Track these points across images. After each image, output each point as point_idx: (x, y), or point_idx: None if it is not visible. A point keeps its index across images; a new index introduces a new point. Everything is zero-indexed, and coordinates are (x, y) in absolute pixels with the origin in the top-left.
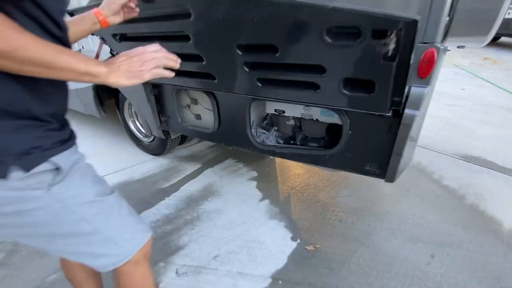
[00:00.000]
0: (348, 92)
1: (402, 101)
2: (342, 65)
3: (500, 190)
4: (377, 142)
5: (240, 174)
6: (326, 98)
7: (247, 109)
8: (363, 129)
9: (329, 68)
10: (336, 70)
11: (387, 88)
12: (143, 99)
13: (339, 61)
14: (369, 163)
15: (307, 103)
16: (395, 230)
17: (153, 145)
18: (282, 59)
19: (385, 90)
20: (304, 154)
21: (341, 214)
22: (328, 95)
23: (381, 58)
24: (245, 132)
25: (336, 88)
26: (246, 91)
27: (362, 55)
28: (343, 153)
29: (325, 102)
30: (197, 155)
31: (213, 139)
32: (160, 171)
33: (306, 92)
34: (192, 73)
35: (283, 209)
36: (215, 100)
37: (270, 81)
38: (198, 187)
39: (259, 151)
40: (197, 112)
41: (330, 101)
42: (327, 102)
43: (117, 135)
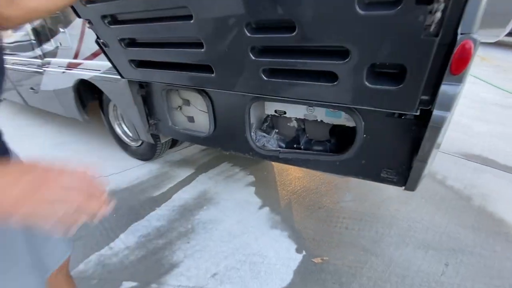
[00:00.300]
0: (370, 85)
1: (433, 99)
2: (371, 45)
3: (505, 190)
4: (397, 147)
5: (237, 179)
6: (342, 94)
7: (246, 110)
8: (380, 132)
9: (355, 50)
10: (362, 52)
11: (421, 76)
12: (129, 100)
13: (368, 40)
14: (385, 170)
15: (317, 101)
16: (404, 236)
17: (142, 150)
18: (299, 40)
19: (418, 79)
20: (311, 160)
21: (347, 221)
22: (345, 89)
23: (422, 31)
24: (244, 135)
25: (357, 79)
26: (247, 87)
27: (398, 29)
28: (356, 158)
29: (340, 99)
30: (189, 159)
31: (208, 143)
32: (150, 178)
33: (318, 87)
34: (186, 66)
35: (284, 217)
36: (210, 101)
37: (277, 72)
38: (191, 195)
39: (260, 156)
40: (190, 114)
41: (346, 97)
42: (343, 99)
43: (102, 140)
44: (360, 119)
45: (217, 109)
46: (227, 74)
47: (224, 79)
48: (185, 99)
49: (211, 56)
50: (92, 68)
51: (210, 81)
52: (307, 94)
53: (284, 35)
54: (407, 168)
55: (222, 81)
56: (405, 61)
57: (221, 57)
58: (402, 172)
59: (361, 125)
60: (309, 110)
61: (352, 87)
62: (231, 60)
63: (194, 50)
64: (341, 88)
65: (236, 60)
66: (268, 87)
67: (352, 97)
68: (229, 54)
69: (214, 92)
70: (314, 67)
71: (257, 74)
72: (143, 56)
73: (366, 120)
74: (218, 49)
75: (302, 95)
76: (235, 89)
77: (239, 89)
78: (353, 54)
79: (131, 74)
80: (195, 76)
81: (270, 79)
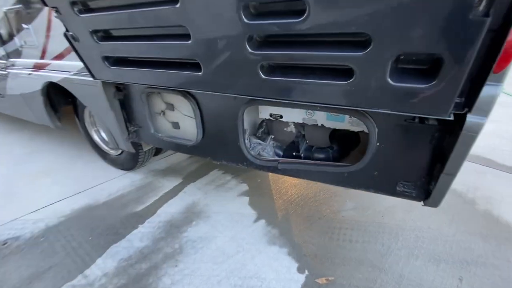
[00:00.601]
0: (394, 82)
1: (469, 101)
2: (400, 30)
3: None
4: (416, 157)
5: (229, 188)
6: (357, 95)
7: (239, 115)
8: (396, 140)
9: (378, 37)
10: (388, 40)
11: (462, 70)
12: (104, 105)
13: (397, 23)
14: (402, 182)
15: (326, 104)
16: (413, 248)
17: (123, 159)
18: (309, 26)
19: (458, 74)
20: (314, 171)
21: (350, 232)
22: (362, 88)
23: (471, 9)
24: (237, 144)
25: (378, 76)
26: (241, 88)
27: (439, 6)
28: (368, 170)
29: (354, 102)
30: (176, 167)
31: (196, 152)
32: (132, 190)
33: (329, 87)
34: (170, 64)
35: (282, 230)
36: (197, 105)
37: (278, 69)
38: (179, 209)
39: (255, 167)
40: (175, 120)
41: (362, 99)
42: (358, 100)
43: (79, 148)
44: (373, 125)
45: (205, 114)
46: (217, 72)
47: (214, 79)
48: (169, 103)
49: (198, 50)
50: (61, 69)
51: (197, 82)
52: (313, 96)
53: (290, 20)
54: (427, 181)
55: (211, 81)
56: (444, 50)
57: (210, 51)
58: (422, 186)
59: (374, 131)
60: (308, 114)
61: (371, 86)
62: (223, 54)
63: (179, 43)
64: (357, 88)
65: (229, 54)
66: (267, 87)
67: (370, 99)
68: (220, 46)
69: (201, 94)
70: (325, 61)
71: (254, 72)
72: (118, 52)
73: (380, 125)
74: (207, 40)
75: (308, 97)
76: (226, 91)
77: (232, 90)
78: (376, 43)
79: (105, 75)
80: (179, 76)
81: (270, 78)
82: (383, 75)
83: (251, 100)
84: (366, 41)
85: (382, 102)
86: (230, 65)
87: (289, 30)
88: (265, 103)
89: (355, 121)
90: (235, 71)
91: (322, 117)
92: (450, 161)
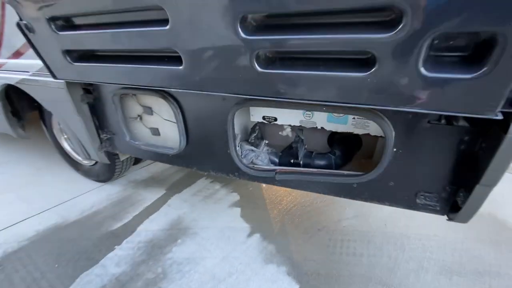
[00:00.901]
0: (428, 72)
1: None
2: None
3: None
4: (440, 165)
5: (218, 199)
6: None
7: (229, 118)
8: (417, 144)
9: (413, 12)
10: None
11: None
12: (70, 110)
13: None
14: (423, 194)
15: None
16: (421, 259)
17: (98, 169)
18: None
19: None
20: (318, 182)
21: (353, 245)
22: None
23: None
24: (227, 151)
25: (408, 64)
26: (232, 85)
27: None
28: (382, 180)
29: (373, 99)
30: (159, 177)
31: (179, 162)
32: (108, 205)
33: (342, 81)
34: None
35: (280, 246)
36: (179, 107)
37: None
38: (162, 225)
39: (249, 177)
40: (154, 126)
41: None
42: (378, 97)
43: (47, 159)
44: (389, 128)
45: (188, 118)
46: (201, 65)
47: (198, 74)
48: (146, 106)
49: (178, 37)
50: (19, 69)
51: (177, 78)
52: (322, 93)
53: None
54: (453, 192)
55: (194, 77)
56: (499, 26)
57: (193, 38)
58: (447, 197)
59: (391, 135)
60: (306, 115)
61: (397, 78)
62: (209, 41)
63: (155, 30)
64: (379, 81)
65: (216, 41)
66: (264, 83)
67: (395, 95)
68: (205, 32)
69: (184, 95)
70: (341, 47)
71: (248, 64)
72: (82, 44)
73: (398, 128)
74: (189, 24)
75: (314, 94)
76: (213, 90)
77: (220, 88)
78: (408, 20)
79: (69, 73)
80: (156, 72)
81: (268, 71)
82: (415, 63)
83: (243, 100)
84: (395, 19)
85: (410, 99)
86: (217, 55)
87: (294, 7)
88: (260, 103)
89: (360, 122)
90: (223, 64)
91: (322, 119)
92: (489, 170)
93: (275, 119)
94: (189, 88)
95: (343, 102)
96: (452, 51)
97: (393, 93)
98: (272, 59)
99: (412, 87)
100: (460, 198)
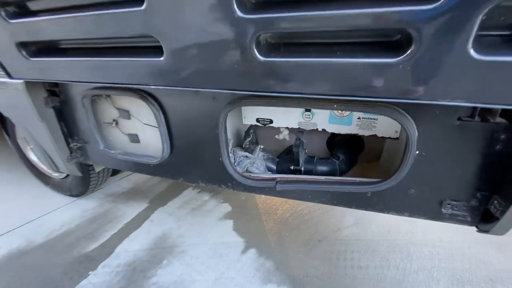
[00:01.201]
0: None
1: None
2: None
3: None
4: (470, 168)
5: (207, 211)
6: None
7: (221, 120)
8: (444, 146)
9: None
10: None
11: None
12: (33, 116)
13: None
14: (449, 202)
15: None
16: (430, 269)
17: (70, 183)
18: None
19: None
20: (325, 192)
21: (358, 256)
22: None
23: None
24: (218, 158)
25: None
26: (225, 80)
27: None
28: (401, 187)
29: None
30: (140, 188)
31: (162, 173)
32: (82, 223)
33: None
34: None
35: (278, 262)
36: (161, 109)
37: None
38: (144, 244)
39: (244, 188)
40: (132, 132)
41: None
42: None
43: (12, 171)
44: (412, 127)
45: (172, 122)
46: (187, 55)
47: (182, 66)
48: (123, 109)
49: (158, 20)
50: None
51: (157, 73)
52: (336, 86)
53: None
54: (484, 200)
55: (178, 71)
56: None
57: (176, 21)
58: (477, 206)
59: (413, 135)
60: (305, 116)
61: (438, 63)
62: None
63: (128, 11)
64: (414, 67)
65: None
66: (266, 76)
67: (433, 84)
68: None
69: (166, 93)
70: (368, 25)
71: (245, 51)
72: (40, 34)
73: (421, 127)
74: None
75: (327, 88)
76: (201, 85)
77: (209, 84)
78: None
79: (26, 71)
80: (132, 66)
81: (271, 59)
82: (464, 43)
83: (238, 99)
84: None
85: (453, 89)
86: (206, 42)
87: None
88: (259, 102)
89: (366, 123)
90: (214, 52)
91: (323, 120)
92: None
93: (270, 121)
94: (172, 84)
95: (360, 96)
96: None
97: (431, 82)
98: (276, 44)
99: (456, 74)
100: (494, 206)
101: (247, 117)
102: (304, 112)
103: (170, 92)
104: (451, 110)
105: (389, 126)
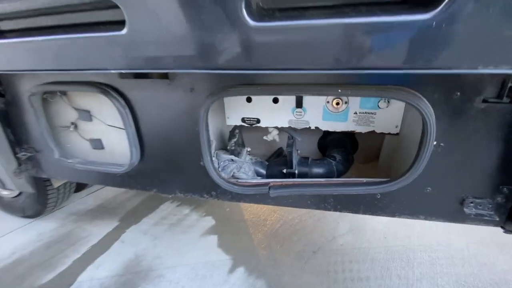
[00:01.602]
0: None
1: None
2: None
3: None
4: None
5: (188, 226)
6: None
7: (202, 116)
8: (466, 134)
9: None
10: None
11: None
12: None
13: None
14: (472, 200)
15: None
16: (433, 275)
17: (23, 202)
18: None
19: None
20: (328, 196)
21: (356, 266)
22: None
23: None
24: (199, 162)
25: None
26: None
27: None
28: (416, 186)
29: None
30: (110, 204)
31: (131, 184)
32: (37, 249)
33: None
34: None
35: (270, 279)
36: (128, 106)
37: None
38: (113, 269)
39: (231, 197)
40: (94, 136)
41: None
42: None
43: None
44: (430, 112)
45: (142, 121)
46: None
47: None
48: (82, 109)
49: None
50: None
51: (118, 52)
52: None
53: None
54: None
55: (144, 47)
56: None
57: None
58: (503, 203)
59: (431, 122)
60: (296, 113)
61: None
62: None
63: None
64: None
65: None
66: (258, 48)
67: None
68: None
69: (133, 86)
70: None
71: (233, 14)
72: None
73: (439, 113)
74: None
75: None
76: (175, 65)
77: (186, 63)
78: None
79: None
80: (85, 44)
81: (264, 24)
82: None
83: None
84: None
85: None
86: (181, 5)
87: None
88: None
89: (363, 118)
90: (192, 19)
91: (316, 117)
92: None
93: (257, 120)
94: (137, 66)
95: (378, 68)
96: None
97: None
98: (273, 2)
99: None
100: None
101: (231, 117)
102: (294, 109)
103: (137, 84)
104: (475, 91)
105: (388, 121)
